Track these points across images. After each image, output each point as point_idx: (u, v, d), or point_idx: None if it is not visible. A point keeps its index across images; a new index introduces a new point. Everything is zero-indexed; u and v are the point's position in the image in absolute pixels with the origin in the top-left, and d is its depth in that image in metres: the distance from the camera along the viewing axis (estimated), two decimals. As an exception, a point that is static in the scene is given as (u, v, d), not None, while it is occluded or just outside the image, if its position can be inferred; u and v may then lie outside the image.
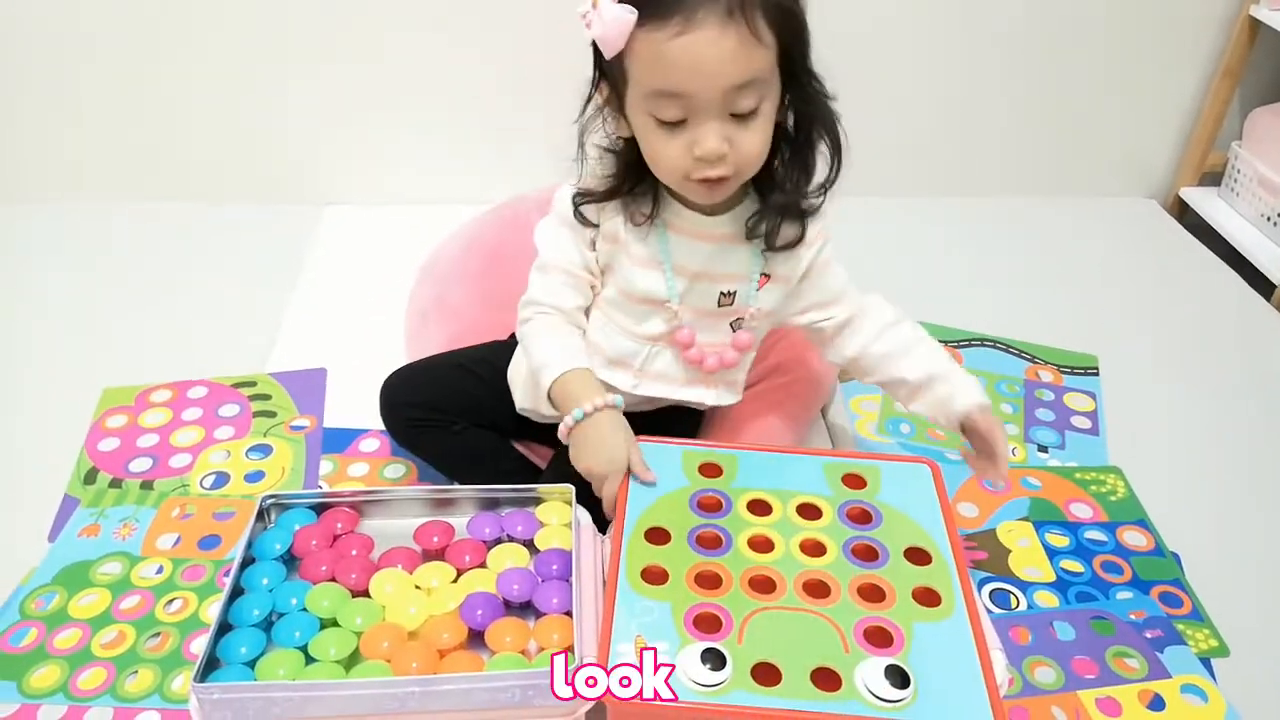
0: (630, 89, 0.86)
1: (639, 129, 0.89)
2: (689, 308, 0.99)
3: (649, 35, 0.81)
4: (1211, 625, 1.05)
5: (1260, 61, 1.86)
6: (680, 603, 0.80)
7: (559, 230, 1.00)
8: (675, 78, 0.82)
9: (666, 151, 0.87)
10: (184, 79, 1.76)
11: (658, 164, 0.89)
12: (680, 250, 0.97)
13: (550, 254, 1.00)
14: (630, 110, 0.88)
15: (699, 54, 0.80)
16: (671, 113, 0.84)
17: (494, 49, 1.69)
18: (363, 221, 1.83)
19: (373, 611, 0.85)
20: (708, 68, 0.81)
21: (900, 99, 1.88)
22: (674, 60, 0.81)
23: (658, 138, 0.87)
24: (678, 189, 0.92)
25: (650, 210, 0.95)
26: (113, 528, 1.13)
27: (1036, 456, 1.28)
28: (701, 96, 0.83)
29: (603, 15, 0.81)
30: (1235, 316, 1.64)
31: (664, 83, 0.83)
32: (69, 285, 1.61)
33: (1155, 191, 2.03)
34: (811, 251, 0.99)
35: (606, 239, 0.98)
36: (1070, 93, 1.90)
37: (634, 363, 1.02)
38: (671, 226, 0.97)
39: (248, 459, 1.24)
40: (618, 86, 0.87)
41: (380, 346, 1.37)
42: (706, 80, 0.82)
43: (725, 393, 1.06)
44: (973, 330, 1.53)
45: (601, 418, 0.92)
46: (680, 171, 0.88)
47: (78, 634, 1.00)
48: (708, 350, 1.01)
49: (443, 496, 0.97)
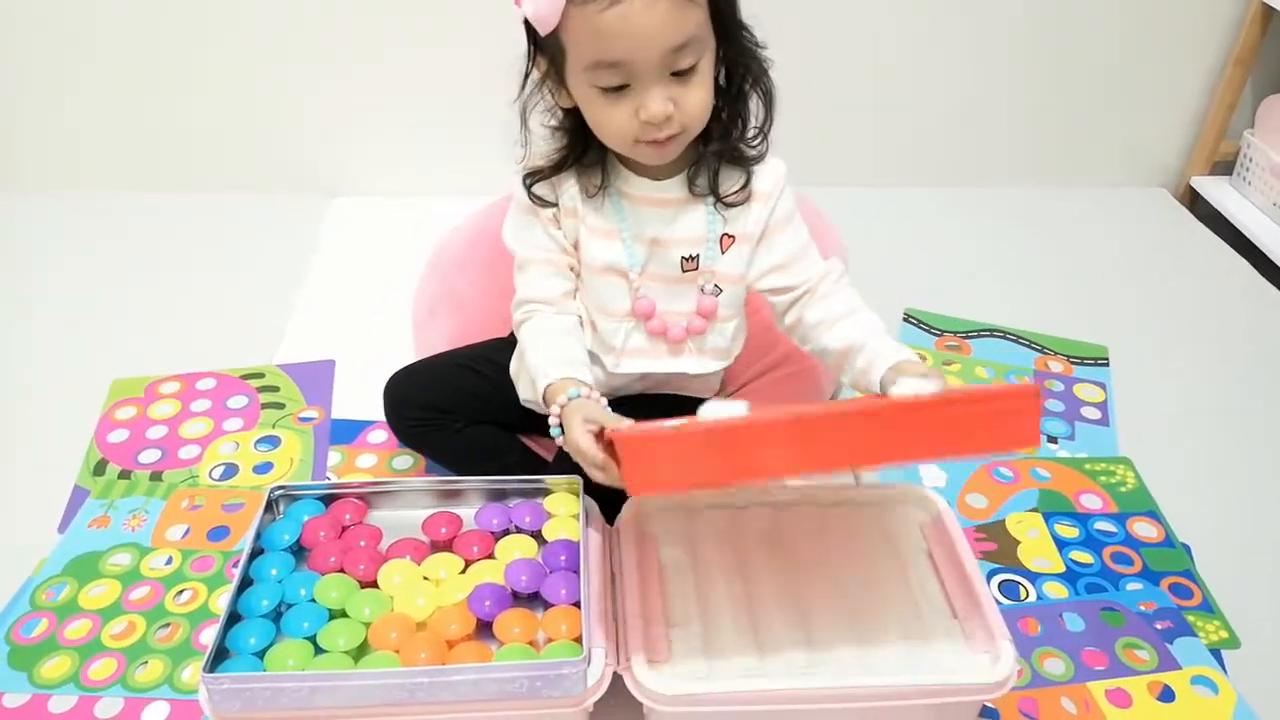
0: (569, 62, 0.87)
1: (582, 99, 0.89)
2: (653, 276, 0.99)
3: (581, 9, 0.82)
4: (1222, 617, 1.05)
5: (1272, 50, 1.85)
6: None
7: (521, 220, 1.00)
8: (613, 48, 0.83)
9: (612, 118, 0.88)
10: (194, 71, 1.76)
11: (604, 131, 0.90)
12: (635, 217, 0.97)
13: (521, 249, 1.00)
14: (571, 82, 0.89)
15: (633, 22, 0.81)
16: (613, 80, 0.85)
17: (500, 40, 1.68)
18: (370, 213, 1.83)
19: (381, 602, 0.86)
20: (644, 34, 0.82)
21: (911, 90, 1.87)
22: (609, 31, 0.82)
23: (601, 106, 0.87)
24: (627, 153, 0.93)
25: (601, 179, 0.96)
26: (122, 519, 1.13)
27: (1046, 447, 1.28)
28: (641, 62, 0.84)
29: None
30: (1246, 306, 1.63)
31: (602, 54, 0.84)
32: (78, 277, 1.62)
33: (1166, 180, 2.01)
34: (766, 207, 0.98)
35: (568, 214, 0.98)
36: (1081, 82, 1.88)
37: (614, 342, 1.02)
38: (625, 195, 0.97)
39: (256, 450, 1.24)
40: (555, 60, 0.89)
41: (388, 338, 1.37)
42: (644, 46, 0.83)
43: (710, 360, 1.04)
44: (983, 320, 1.52)
45: (581, 402, 0.88)
46: (628, 136, 0.89)
47: (88, 625, 1.00)
48: (671, 320, 1.00)
49: (451, 488, 0.97)
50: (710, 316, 1.01)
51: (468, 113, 1.78)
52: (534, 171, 0.97)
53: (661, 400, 1.10)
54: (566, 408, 0.88)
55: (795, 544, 0.97)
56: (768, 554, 0.95)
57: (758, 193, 0.98)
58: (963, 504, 1.17)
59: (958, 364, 1.42)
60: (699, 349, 1.03)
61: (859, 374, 0.93)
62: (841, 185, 1.81)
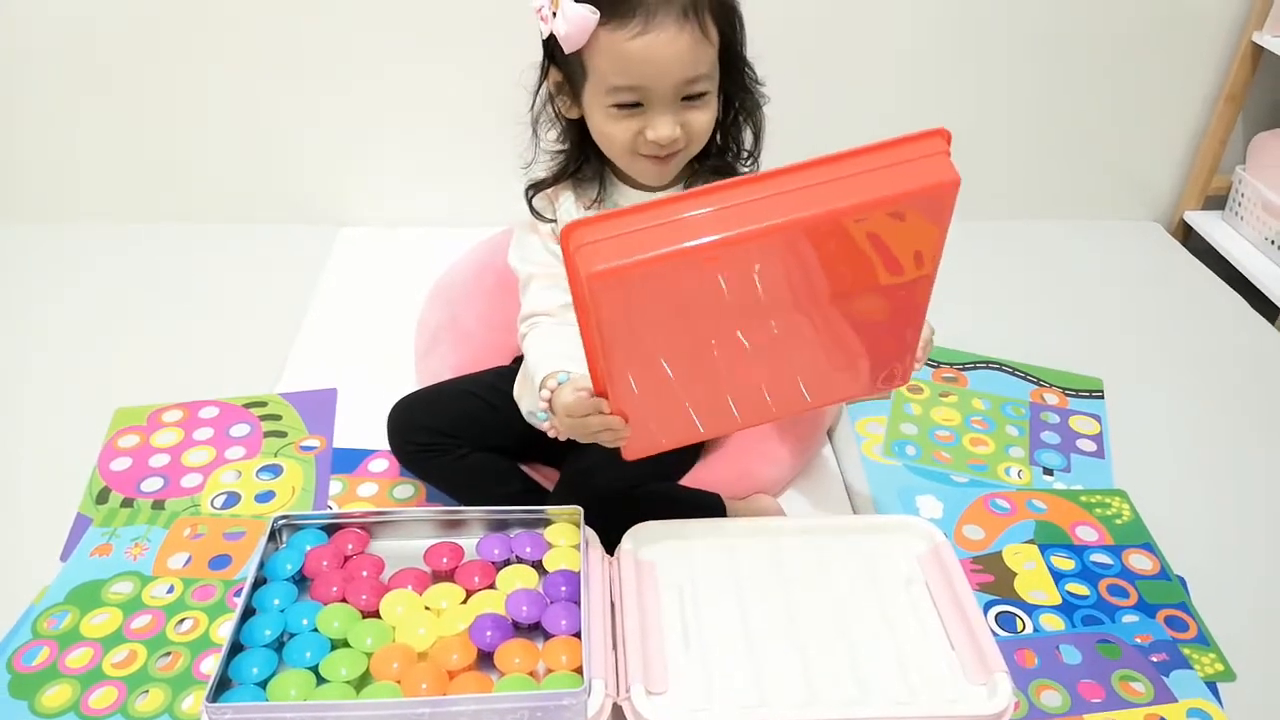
0: (589, 80, 0.92)
1: (593, 113, 0.94)
2: None
3: (610, 34, 0.88)
4: (1218, 649, 1.05)
5: (1263, 86, 1.88)
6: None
7: (524, 239, 1.04)
8: (635, 73, 0.89)
9: (620, 134, 0.93)
10: (200, 102, 1.78)
11: (611, 144, 0.95)
12: None
13: (523, 267, 1.04)
14: (586, 97, 0.94)
15: (657, 52, 0.88)
16: (628, 100, 0.91)
17: (508, 72, 1.71)
18: (373, 243, 1.84)
19: (383, 632, 0.86)
20: (664, 64, 0.89)
21: (907, 124, 1.88)
22: (634, 57, 0.88)
23: (612, 121, 0.93)
24: (627, 167, 0.98)
25: (597, 192, 1.00)
26: (124, 547, 1.14)
27: (1042, 479, 1.29)
28: (657, 88, 0.90)
29: (565, 14, 0.87)
30: (1239, 339, 1.64)
31: (624, 78, 0.89)
32: (82, 305, 1.63)
33: (1159, 215, 2.04)
34: None
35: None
36: (1075, 117, 1.91)
37: None
38: (619, 208, 0.99)
39: (258, 479, 1.25)
40: (572, 75, 0.94)
41: (390, 368, 1.38)
42: (663, 75, 0.89)
43: None
44: (978, 352, 1.54)
45: (556, 397, 0.90)
46: (629, 149, 0.94)
47: (89, 653, 1.00)
48: None
49: (452, 518, 0.98)
50: None
51: (471, 145, 1.81)
52: (536, 183, 1.02)
53: None
54: (556, 390, 0.90)
55: (794, 575, 0.97)
56: (766, 585, 0.96)
57: None
58: (960, 535, 1.18)
59: (954, 395, 1.43)
60: None
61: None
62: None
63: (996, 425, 1.38)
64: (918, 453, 1.31)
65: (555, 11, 0.88)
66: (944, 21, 1.79)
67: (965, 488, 1.25)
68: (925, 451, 1.32)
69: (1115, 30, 1.81)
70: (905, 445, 1.33)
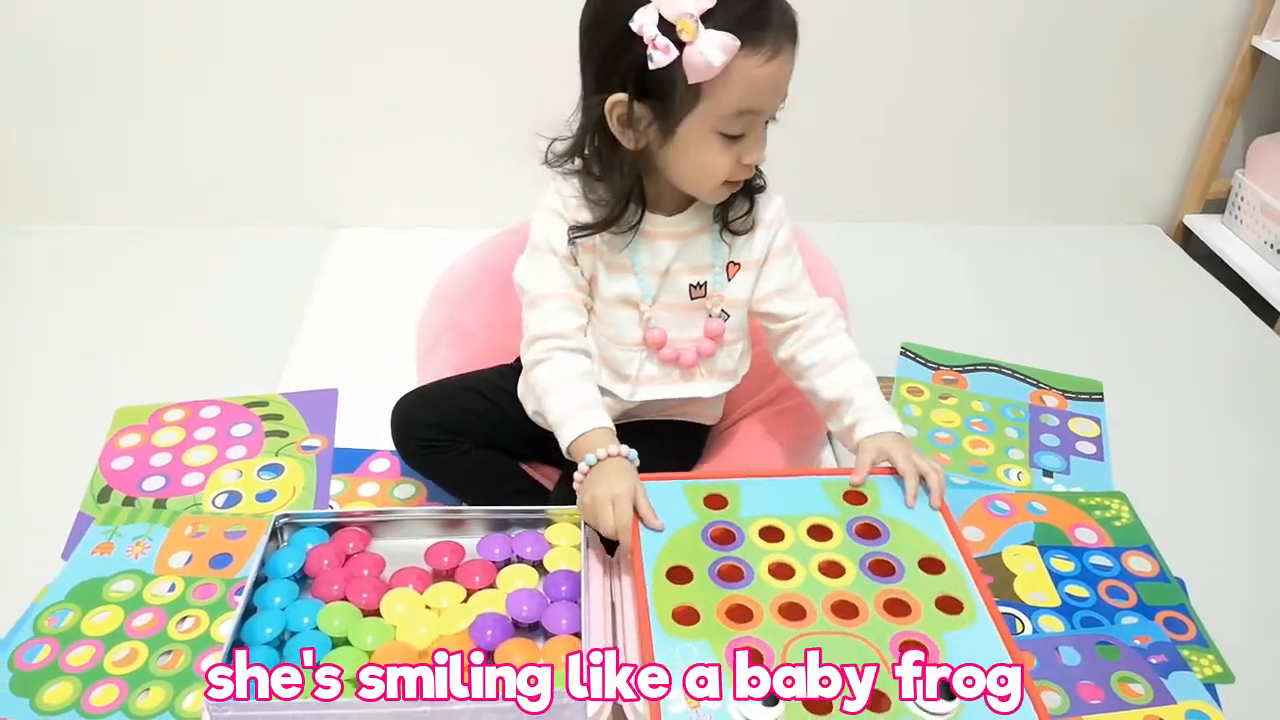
0: (700, 109, 0.88)
1: (693, 144, 0.91)
2: (664, 305, 1.03)
3: (743, 61, 0.85)
4: (1216, 651, 1.05)
5: (1262, 90, 1.88)
6: (718, 640, 0.80)
7: (539, 259, 1.02)
8: (763, 99, 0.89)
9: (721, 163, 0.92)
10: (200, 103, 1.78)
11: (703, 172, 0.93)
12: (647, 253, 1.01)
13: (537, 287, 1.02)
14: (688, 127, 0.89)
15: (781, 79, 0.89)
16: (740, 129, 0.90)
17: (506, 73, 1.71)
18: (374, 244, 1.85)
19: (383, 631, 0.86)
20: (780, 88, 0.90)
21: (909, 128, 1.90)
22: (763, 84, 0.87)
23: (714, 150, 0.91)
24: (705, 192, 0.96)
25: (636, 222, 0.98)
26: (126, 546, 1.14)
27: (1042, 481, 1.29)
28: (768, 112, 0.91)
29: (710, 43, 0.83)
30: (1239, 342, 1.65)
31: (753, 103, 0.88)
32: (84, 306, 1.63)
33: (1159, 219, 2.04)
34: (769, 234, 1.03)
35: (586, 250, 1.01)
36: (1075, 122, 1.92)
37: (629, 371, 1.05)
38: (643, 234, 1.00)
39: (259, 478, 1.25)
40: (671, 107, 0.88)
41: (391, 368, 1.39)
42: (778, 98, 0.91)
43: (719, 382, 1.09)
44: (978, 355, 1.54)
45: (611, 463, 0.94)
46: (723, 178, 0.93)
47: (90, 651, 1.01)
48: (683, 347, 1.04)
49: (453, 517, 0.98)
50: (718, 339, 1.05)
51: (472, 146, 1.82)
52: (581, 226, 0.98)
53: (668, 427, 1.12)
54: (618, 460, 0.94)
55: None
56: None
57: (761, 221, 1.03)
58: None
59: (954, 398, 1.44)
60: (709, 372, 1.08)
61: (845, 430, 1.02)
62: (842, 221, 1.84)
63: (996, 427, 1.38)
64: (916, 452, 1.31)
65: (685, 41, 0.83)
66: (945, 26, 1.79)
67: (965, 489, 1.26)
68: (925, 453, 1.31)
69: (1115, 34, 1.82)
70: (905, 447, 1.33)
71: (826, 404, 1.04)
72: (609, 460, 0.93)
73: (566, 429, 0.97)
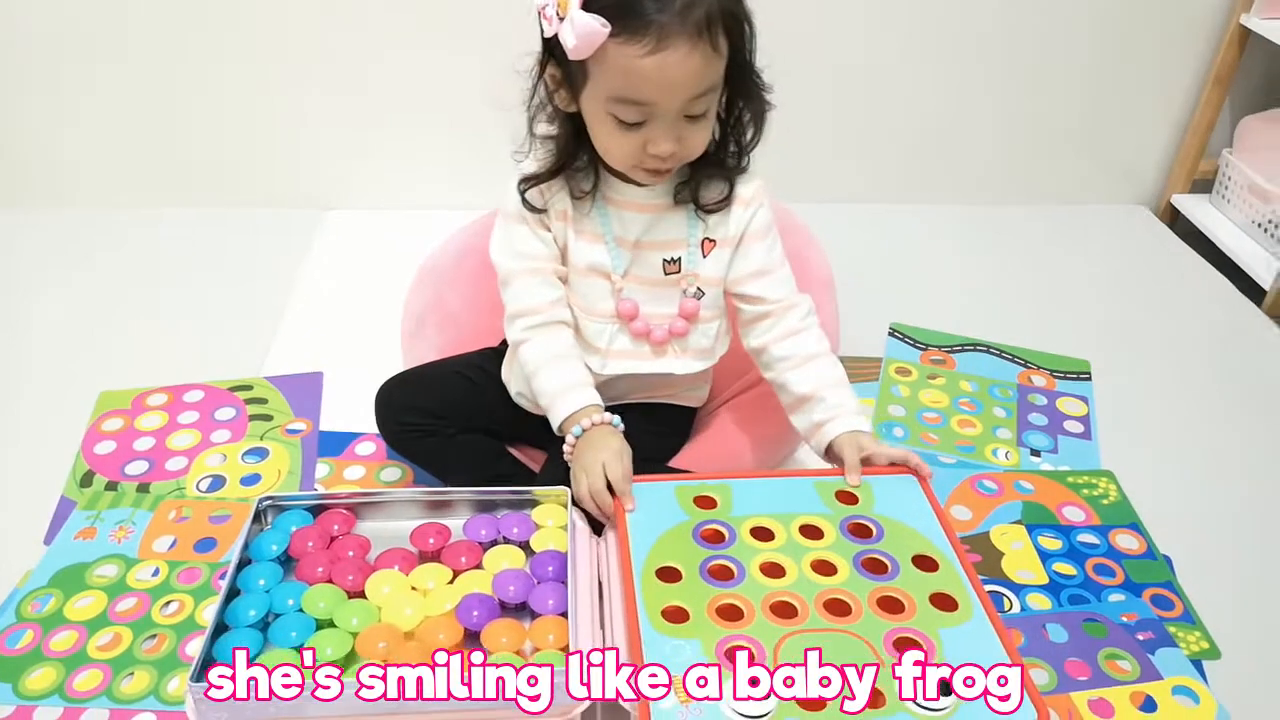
0: (591, 87, 0.89)
1: (593, 119, 0.92)
2: (636, 279, 1.02)
3: (620, 48, 0.84)
4: (1203, 627, 1.06)
5: (1250, 69, 1.88)
6: (708, 638, 0.80)
7: (511, 230, 1.02)
8: (644, 90, 0.86)
9: (621, 146, 0.92)
10: (185, 85, 1.76)
11: (610, 154, 0.94)
12: (618, 222, 1.00)
13: (507, 261, 1.02)
14: (587, 102, 0.91)
15: (669, 71, 0.85)
16: (632, 116, 0.88)
17: (493, 57, 1.69)
18: (359, 227, 1.83)
19: (369, 612, 0.86)
20: (675, 83, 0.86)
21: (894, 108, 1.89)
22: (644, 75, 0.85)
23: (612, 133, 0.91)
24: (625, 172, 0.96)
25: (591, 185, 0.99)
26: (109, 530, 1.13)
27: (1029, 460, 1.29)
28: (664, 105, 0.87)
29: (574, 23, 0.83)
30: (1226, 321, 1.65)
31: (632, 93, 0.87)
32: (66, 289, 1.62)
33: (1147, 198, 2.04)
34: (746, 213, 1.02)
35: (557, 217, 1.01)
36: (1063, 101, 1.91)
37: (599, 343, 1.04)
38: (610, 201, 1.00)
39: (244, 462, 1.24)
40: (573, 77, 0.90)
41: (376, 351, 1.38)
42: (672, 93, 0.87)
43: (693, 360, 1.08)
44: (966, 335, 1.54)
45: (597, 430, 0.96)
46: (631, 161, 0.93)
47: (74, 636, 1.00)
48: (654, 322, 1.03)
49: (439, 499, 0.98)
50: (692, 318, 1.04)
51: (458, 129, 1.80)
52: (529, 177, 0.99)
53: (653, 409, 1.12)
54: (603, 427, 0.96)
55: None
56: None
57: (739, 197, 1.02)
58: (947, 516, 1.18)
59: (942, 377, 1.43)
60: (682, 350, 1.07)
61: (812, 426, 1.01)
62: (830, 202, 1.83)
63: (984, 407, 1.38)
64: (905, 434, 1.32)
65: (562, 16, 0.84)
66: (931, 6, 1.78)
67: (953, 469, 1.26)
68: (913, 433, 1.32)
69: (1103, 13, 1.81)
70: (893, 426, 1.33)
71: (795, 398, 1.04)
72: (595, 428, 0.95)
73: (556, 410, 0.99)
